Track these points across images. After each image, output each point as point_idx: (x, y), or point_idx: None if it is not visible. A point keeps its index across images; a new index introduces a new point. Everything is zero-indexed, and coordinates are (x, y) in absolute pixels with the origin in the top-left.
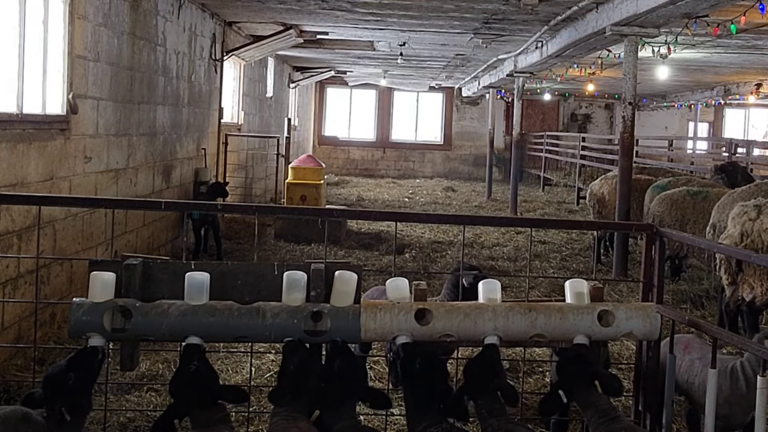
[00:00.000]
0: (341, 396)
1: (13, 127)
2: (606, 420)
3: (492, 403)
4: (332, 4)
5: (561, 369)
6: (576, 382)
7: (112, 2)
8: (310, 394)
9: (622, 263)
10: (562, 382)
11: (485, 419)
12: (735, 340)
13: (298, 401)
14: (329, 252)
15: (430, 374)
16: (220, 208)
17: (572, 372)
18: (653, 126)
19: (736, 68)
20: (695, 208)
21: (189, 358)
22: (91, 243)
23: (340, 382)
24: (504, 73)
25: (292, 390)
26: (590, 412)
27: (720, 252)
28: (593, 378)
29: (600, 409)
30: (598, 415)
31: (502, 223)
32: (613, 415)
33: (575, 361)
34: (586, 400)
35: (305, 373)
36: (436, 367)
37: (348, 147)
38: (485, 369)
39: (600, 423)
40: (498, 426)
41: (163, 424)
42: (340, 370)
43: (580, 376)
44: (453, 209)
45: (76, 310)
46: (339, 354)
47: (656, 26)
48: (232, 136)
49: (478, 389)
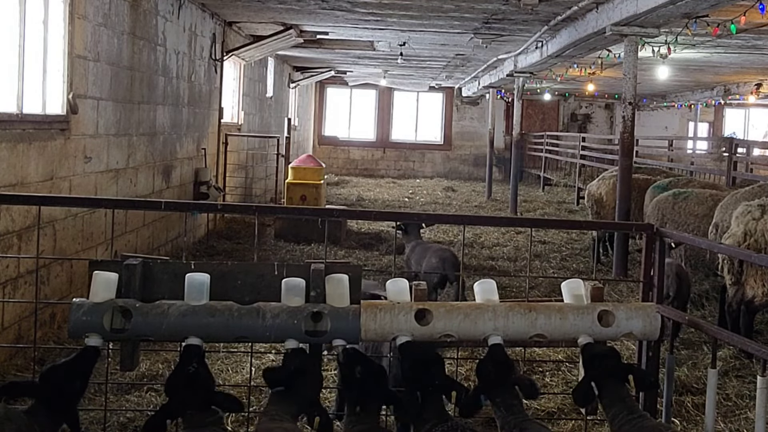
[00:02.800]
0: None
1: (13, 127)
2: (634, 417)
3: (510, 400)
4: (332, 4)
5: (592, 363)
6: (608, 377)
7: (112, 2)
8: (302, 399)
9: (622, 263)
10: (593, 375)
11: (503, 417)
12: (735, 340)
13: (288, 402)
14: (329, 252)
15: (429, 371)
16: (220, 208)
17: (605, 366)
18: (653, 126)
19: (736, 68)
20: (674, 209)
21: (188, 359)
22: (91, 243)
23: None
24: (504, 73)
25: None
26: (617, 408)
27: (720, 252)
28: (626, 373)
29: (628, 406)
30: (627, 411)
31: (502, 223)
32: (641, 413)
33: (608, 355)
34: (615, 395)
35: (302, 375)
36: (433, 363)
37: (348, 147)
38: (500, 366)
39: (628, 420)
40: (516, 423)
41: (155, 424)
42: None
43: (614, 370)
44: (453, 209)
45: (76, 310)
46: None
47: (656, 26)
48: (232, 136)
49: (495, 387)
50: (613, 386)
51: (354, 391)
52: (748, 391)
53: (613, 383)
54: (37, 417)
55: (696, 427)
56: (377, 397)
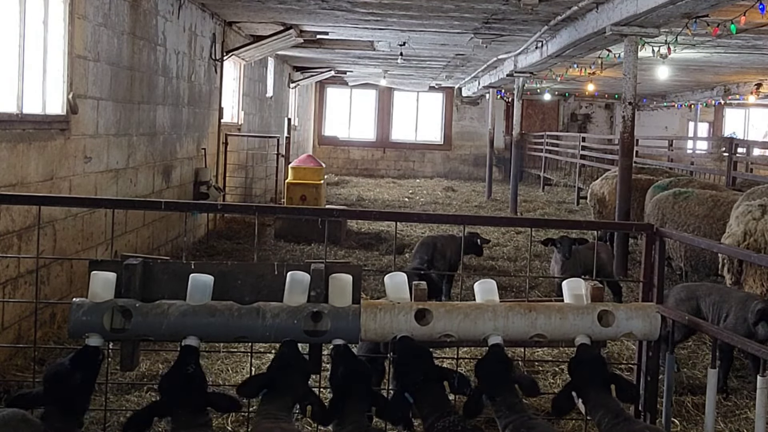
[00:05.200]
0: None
1: (13, 127)
2: (620, 421)
3: (512, 399)
4: (332, 4)
5: (576, 368)
6: (591, 384)
7: (112, 2)
8: (293, 392)
9: (622, 263)
10: (576, 381)
11: (505, 416)
12: (735, 340)
13: (279, 398)
14: (329, 252)
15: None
16: (220, 208)
17: (589, 373)
18: (653, 126)
19: (736, 68)
20: (674, 209)
21: (186, 360)
22: (91, 243)
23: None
24: (504, 73)
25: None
26: (601, 413)
27: (720, 252)
28: (610, 381)
29: (612, 410)
30: (611, 416)
31: (502, 223)
32: (626, 416)
33: (592, 362)
34: (597, 401)
35: (290, 370)
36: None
37: (348, 147)
38: (499, 365)
39: (614, 424)
40: (522, 423)
41: (142, 418)
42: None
43: (597, 377)
44: (453, 209)
45: (76, 310)
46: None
47: (656, 26)
48: (232, 136)
49: (496, 386)
50: (594, 393)
51: (339, 390)
52: (748, 391)
53: (594, 390)
54: (53, 422)
55: (696, 427)
56: (362, 397)
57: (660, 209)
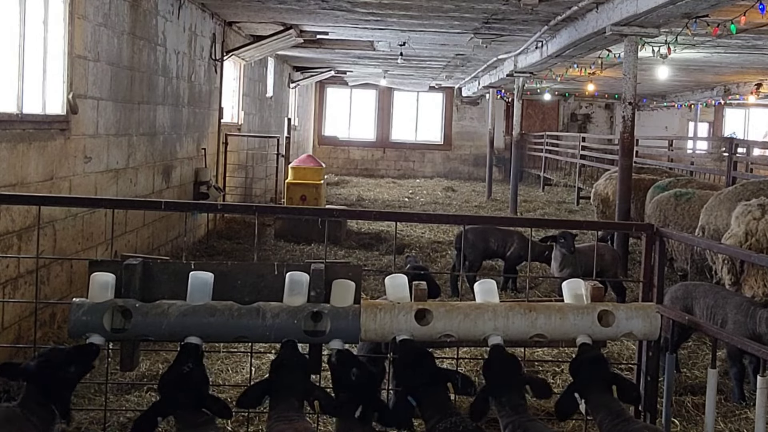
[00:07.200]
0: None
1: (13, 127)
2: (620, 421)
3: (518, 400)
4: (332, 4)
5: (578, 369)
6: (593, 385)
7: (112, 2)
8: (296, 391)
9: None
10: (579, 382)
11: (507, 416)
12: (735, 340)
13: (286, 399)
14: (329, 252)
15: (418, 366)
16: (220, 208)
17: (591, 373)
18: (653, 126)
19: (736, 68)
20: (676, 210)
21: (185, 358)
22: (91, 243)
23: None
24: (504, 73)
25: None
26: (603, 413)
27: (720, 252)
28: (612, 382)
29: (613, 410)
30: (612, 416)
31: (502, 223)
32: (627, 417)
33: (595, 362)
34: (598, 402)
35: (288, 370)
36: (422, 357)
37: (348, 147)
38: (507, 366)
39: (615, 424)
40: (521, 423)
41: (146, 421)
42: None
43: (599, 378)
44: (453, 209)
45: (76, 310)
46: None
47: (656, 26)
48: (232, 136)
49: (503, 387)
50: (596, 394)
51: (341, 395)
52: (748, 391)
53: (596, 391)
54: (31, 408)
55: (696, 427)
56: (365, 401)
57: (662, 211)
